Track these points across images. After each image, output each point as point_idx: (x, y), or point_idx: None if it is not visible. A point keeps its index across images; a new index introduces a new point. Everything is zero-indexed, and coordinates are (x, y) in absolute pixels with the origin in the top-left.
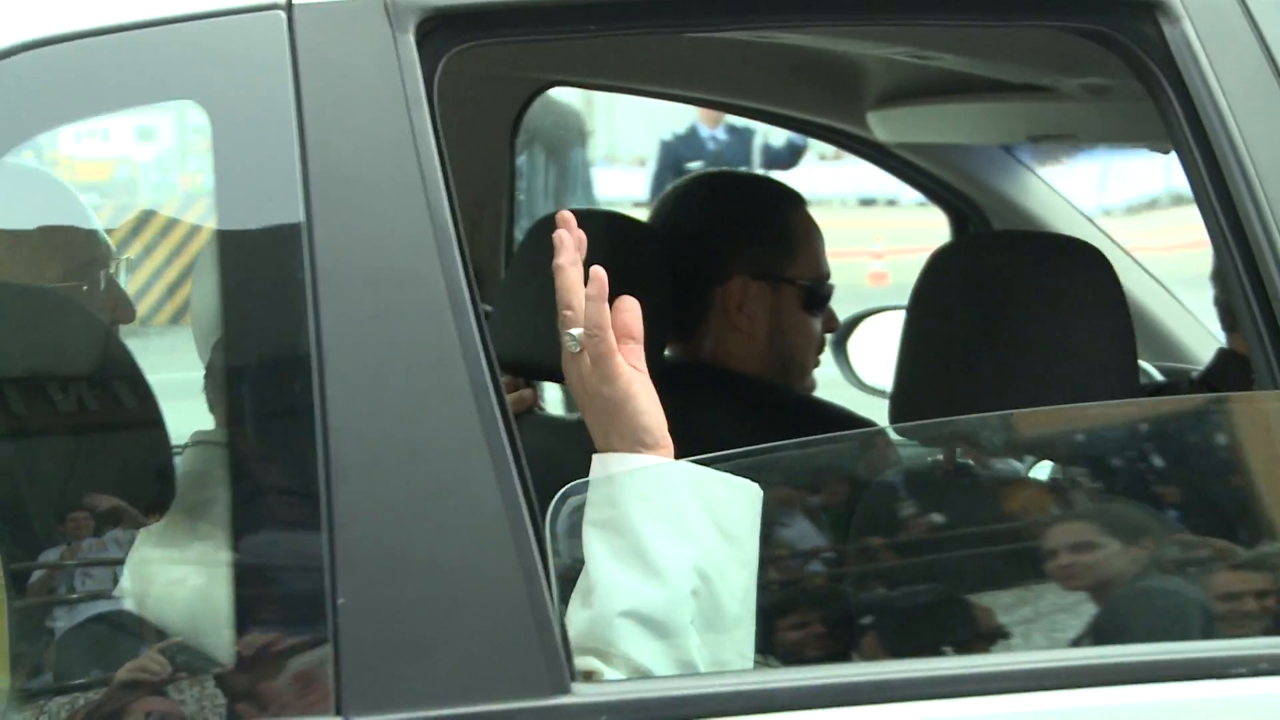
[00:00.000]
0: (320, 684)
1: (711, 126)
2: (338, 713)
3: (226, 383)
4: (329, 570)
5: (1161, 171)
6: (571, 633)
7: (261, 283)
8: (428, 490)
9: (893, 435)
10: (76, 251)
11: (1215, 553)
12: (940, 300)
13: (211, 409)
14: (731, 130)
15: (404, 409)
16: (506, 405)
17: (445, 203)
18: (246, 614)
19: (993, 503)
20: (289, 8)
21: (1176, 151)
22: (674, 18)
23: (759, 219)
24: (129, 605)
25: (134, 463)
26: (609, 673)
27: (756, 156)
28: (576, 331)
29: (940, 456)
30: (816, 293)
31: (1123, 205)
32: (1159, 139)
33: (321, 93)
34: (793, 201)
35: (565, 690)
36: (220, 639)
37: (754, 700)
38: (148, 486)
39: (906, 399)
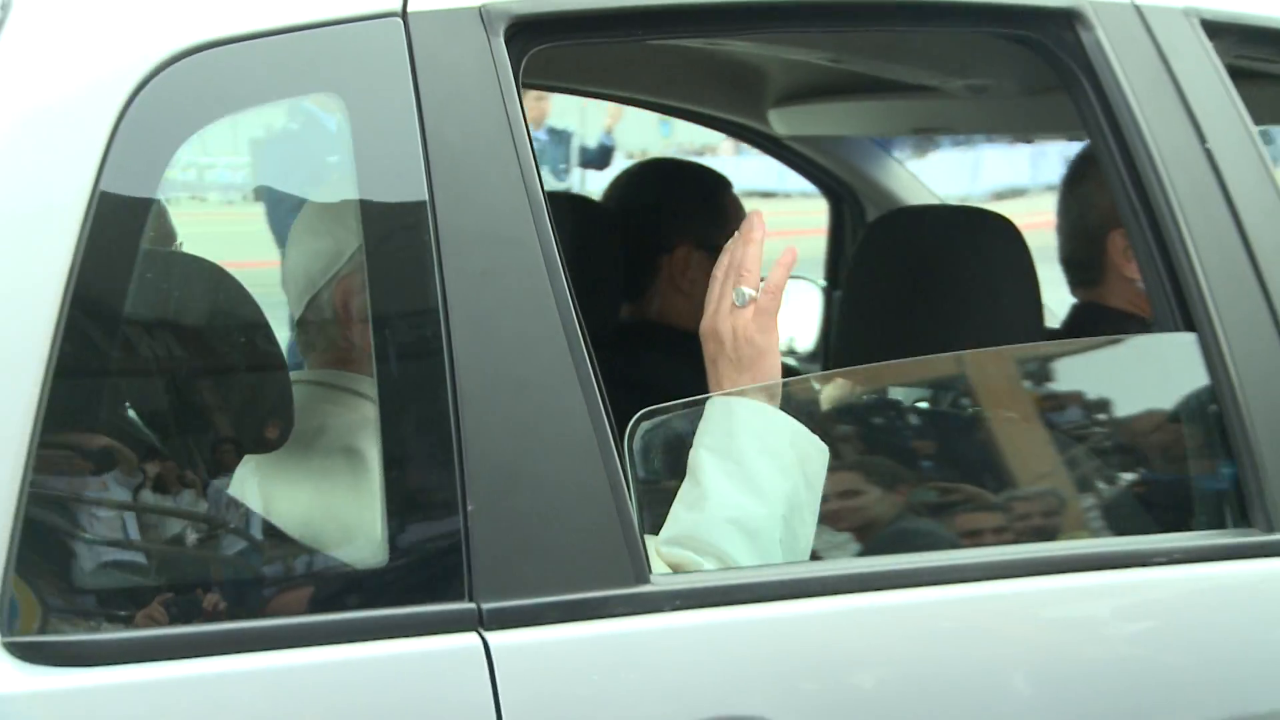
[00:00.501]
0: (456, 576)
1: (535, 128)
2: (470, 599)
3: (372, 330)
4: (459, 483)
5: (1013, 163)
6: (672, 531)
7: (396, 247)
8: (533, 416)
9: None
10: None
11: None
12: (879, 264)
13: (309, 351)
14: (551, 131)
15: (512, 349)
16: (589, 345)
17: (535, 177)
18: (395, 520)
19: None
20: (405, 16)
21: (1089, 135)
22: (710, 25)
23: (700, 197)
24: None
25: (261, 397)
26: (703, 564)
27: (574, 157)
28: (748, 290)
29: (865, 397)
30: None
31: (982, 191)
32: (1027, 131)
33: (435, 86)
34: (725, 183)
35: (645, 581)
36: (375, 541)
37: (787, 588)
38: (270, 419)
39: (849, 347)
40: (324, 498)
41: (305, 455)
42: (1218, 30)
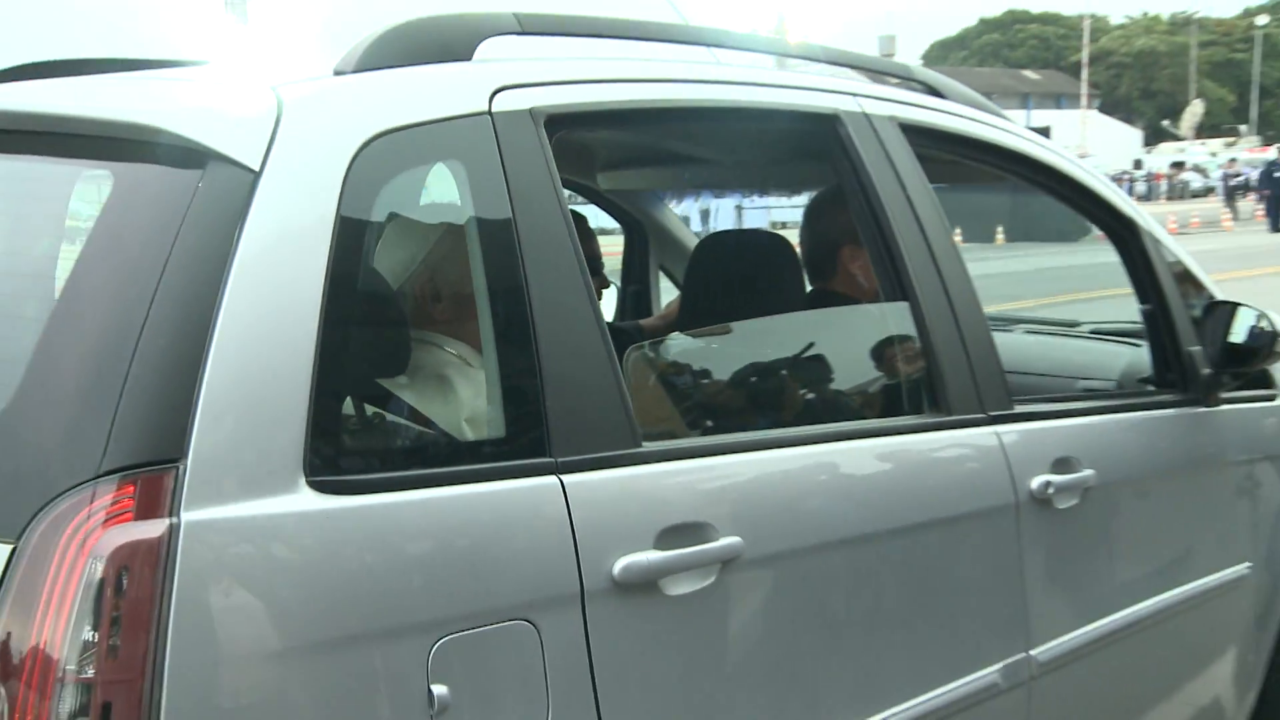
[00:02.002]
0: (542, 444)
1: None
2: (551, 456)
3: (482, 311)
4: (541, 390)
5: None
6: None
7: (496, 252)
8: (576, 343)
9: None
10: None
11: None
12: (709, 271)
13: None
14: None
15: (556, 302)
16: (597, 306)
17: (567, 208)
18: (510, 413)
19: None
20: (491, 115)
21: (844, 186)
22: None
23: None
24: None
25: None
26: None
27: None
28: None
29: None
30: None
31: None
32: (777, 187)
33: (511, 152)
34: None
35: (639, 446)
36: (497, 424)
37: (716, 449)
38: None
39: (693, 316)
40: (446, 405)
41: (416, 379)
42: (908, 129)
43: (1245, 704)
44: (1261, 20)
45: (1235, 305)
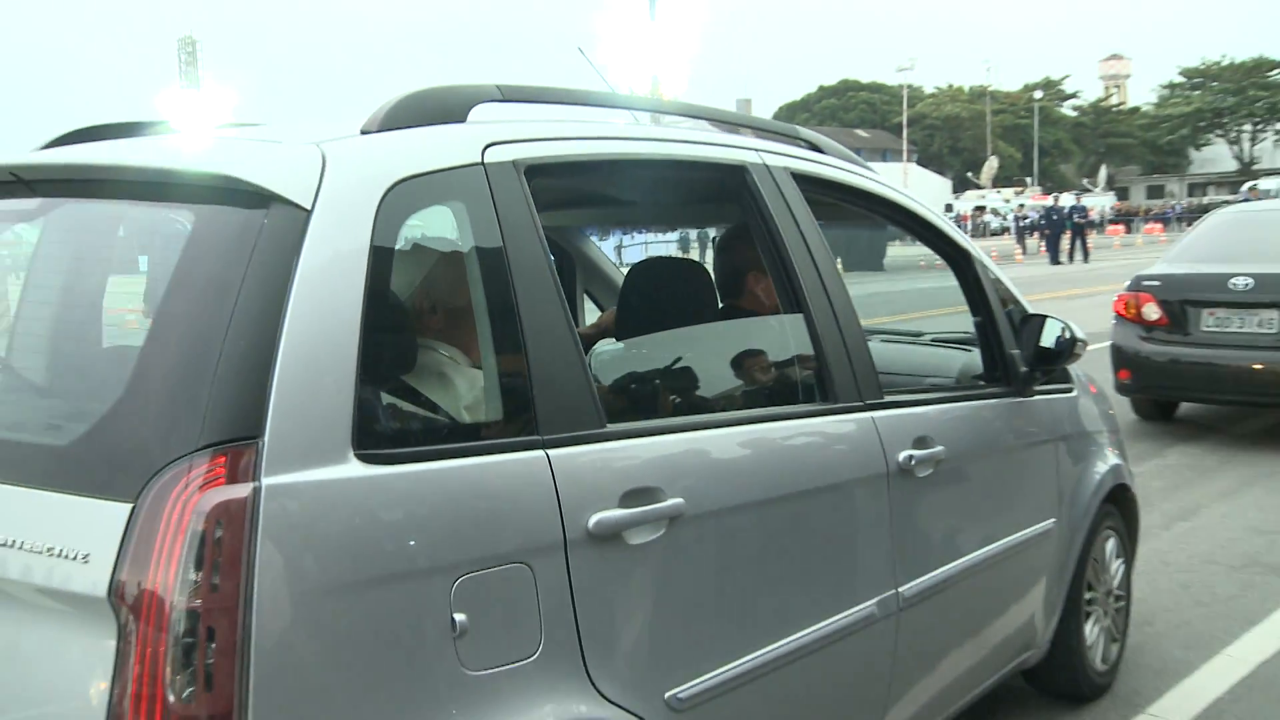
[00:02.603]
0: (533, 425)
1: None
2: (539, 434)
3: (481, 321)
4: (530, 386)
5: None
6: None
7: (491, 275)
8: (554, 346)
9: None
10: None
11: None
12: (642, 289)
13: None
14: None
15: (539, 314)
16: (570, 316)
17: (545, 244)
18: (507, 404)
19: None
20: (484, 165)
21: (750, 225)
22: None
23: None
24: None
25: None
26: None
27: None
28: None
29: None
30: None
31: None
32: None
33: (502, 202)
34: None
35: (604, 426)
36: (496, 410)
37: (665, 429)
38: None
39: (630, 327)
40: (452, 395)
41: (420, 376)
42: (798, 177)
43: (1051, 624)
44: (1038, 94)
45: (1045, 317)
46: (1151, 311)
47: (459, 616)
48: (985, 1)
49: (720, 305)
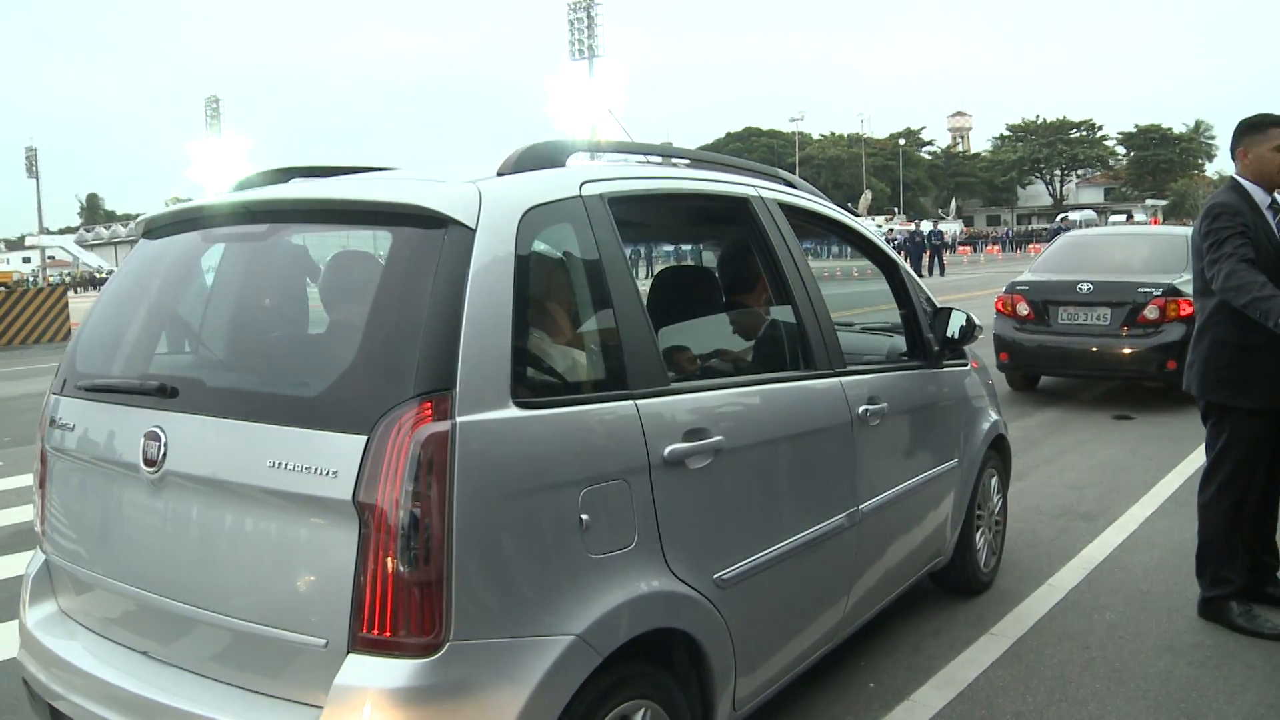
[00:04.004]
0: (624, 384)
1: None
2: (629, 389)
3: (586, 310)
4: (622, 352)
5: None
6: None
7: (595, 280)
8: (636, 328)
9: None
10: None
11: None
12: (668, 285)
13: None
14: None
15: (626, 305)
16: (642, 300)
17: (625, 254)
18: (607, 367)
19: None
20: (582, 198)
21: (751, 240)
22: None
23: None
24: None
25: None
26: None
27: None
28: None
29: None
30: None
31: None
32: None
33: (595, 223)
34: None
35: (668, 383)
36: (600, 377)
37: (705, 386)
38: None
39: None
40: (570, 360)
41: (551, 346)
42: (783, 206)
43: (955, 535)
44: (902, 141)
45: (951, 310)
46: (1023, 309)
47: (584, 516)
48: (859, 65)
49: (725, 300)
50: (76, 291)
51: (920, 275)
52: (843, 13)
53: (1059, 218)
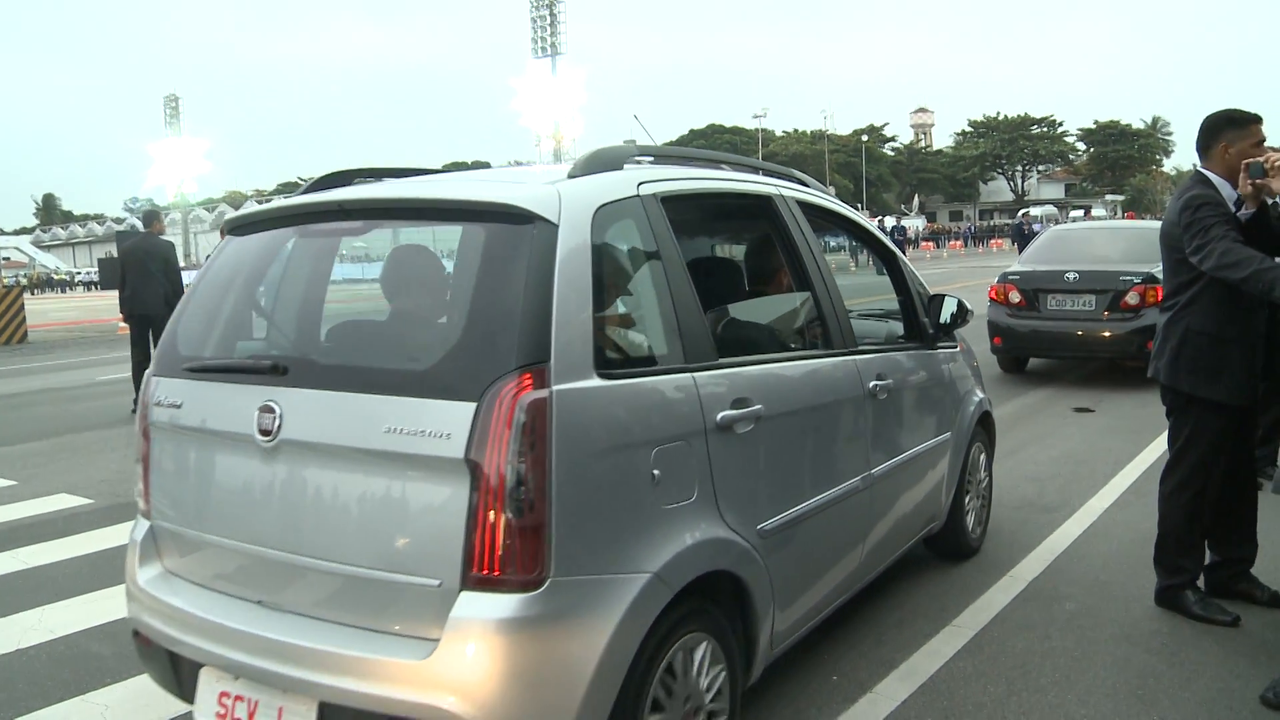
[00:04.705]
0: (680, 358)
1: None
2: (688, 363)
3: (645, 295)
4: (680, 332)
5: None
6: None
7: (651, 268)
8: (690, 312)
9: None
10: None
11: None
12: (696, 273)
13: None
14: None
15: (679, 290)
16: (692, 285)
17: (678, 246)
18: (667, 346)
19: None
20: (639, 197)
21: (773, 234)
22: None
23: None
24: None
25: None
26: None
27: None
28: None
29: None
30: None
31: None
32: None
33: (652, 219)
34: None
35: (716, 358)
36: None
37: (755, 362)
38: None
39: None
40: (639, 337)
41: (624, 325)
42: (799, 203)
43: (947, 501)
44: (865, 138)
45: (944, 296)
46: (1015, 297)
47: (655, 471)
48: (822, 62)
49: (748, 288)
50: (34, 294)
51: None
52: (806, 10)
53: (1020, 213)
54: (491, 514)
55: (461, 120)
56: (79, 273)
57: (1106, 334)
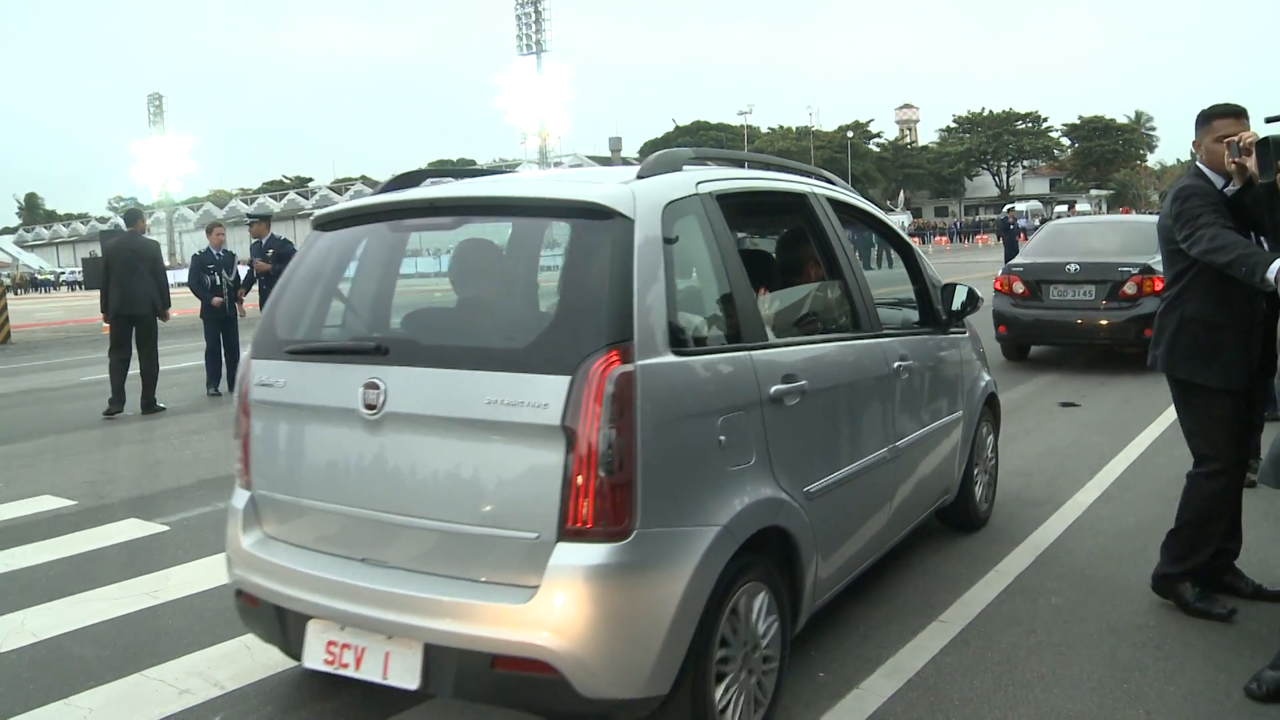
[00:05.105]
0: (739, 340)
1: (217, 245)
2: (749, 343)
3: (708, 281)
4: (738, 317)
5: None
6: None
7: (712, 258)
8: (748, 299)
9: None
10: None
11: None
12: (786, 253)
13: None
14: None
15: (736, 279)
16: (748, 279)
17: (733, 239)
18: (728, 327)
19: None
20: (698, 195)
21: (806, 229)
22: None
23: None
24: None
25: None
26: None
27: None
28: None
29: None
30: None
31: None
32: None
33: (710, 215)
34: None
35: (767, 339)
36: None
37: (802, 343)
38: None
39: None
40: (704, 319)
41: (692, 308)
42: (829, 200)
43: (959, 475)
44: (850, 134)
45: (955, 285)
46: (1019, 287)
47: (721, 437)
48: (808, 59)
49: (786, 276)
50: (18, 294)
51: (869, 267)
52: (792, 6)
53: (1005, 209)
54: (585, 473)
55: (447, 118)
56: (63, 272)
57: (1104, 322)
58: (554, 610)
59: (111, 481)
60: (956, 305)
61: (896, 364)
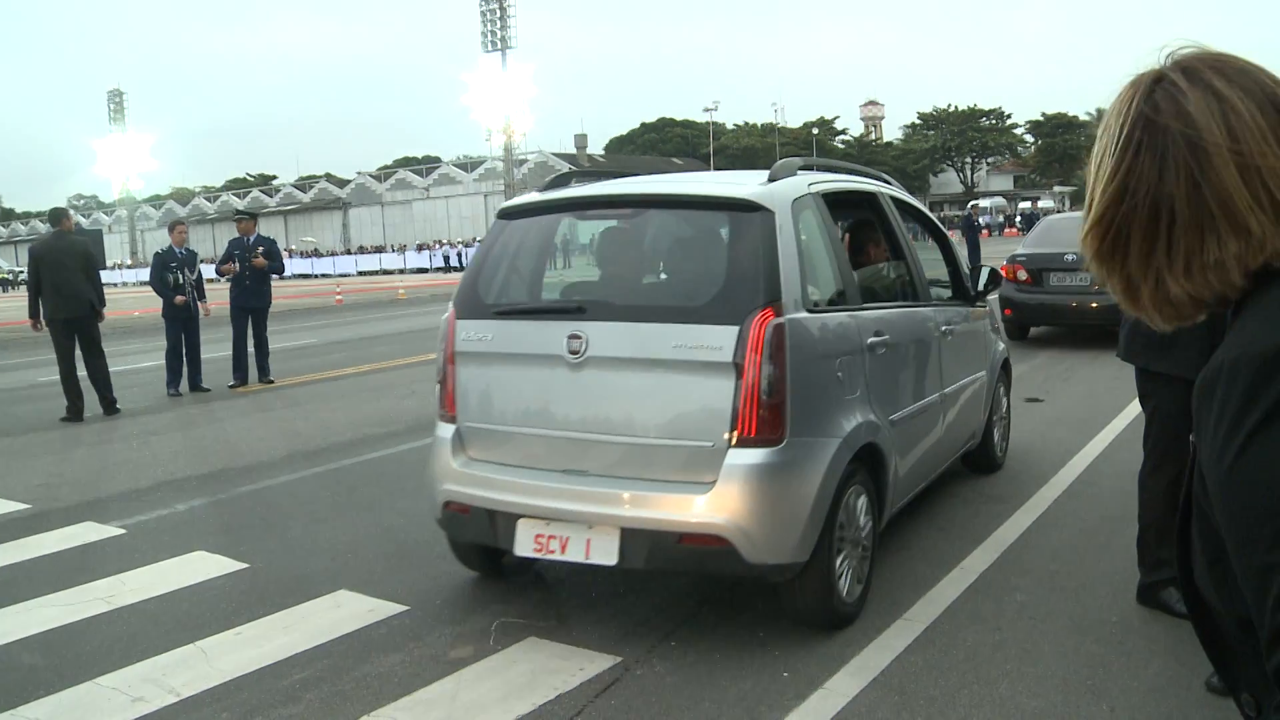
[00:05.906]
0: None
1: (179, 244)
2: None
3: (820, 259)
4: (845, 287)
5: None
6: None
7: (824, 243)
8: (845, 271)
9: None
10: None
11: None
12: (853, 237)
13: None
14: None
15: (839, 258)
16: (846, 257)
17: (835, 228)
18: (833, 296)
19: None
20: (810, 195)
21: (876, 220)
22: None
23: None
24: None
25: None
26: None
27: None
28: None
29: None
30: None
31: None
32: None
33: (820, 210)
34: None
35: (861, 304)
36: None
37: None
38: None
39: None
40: (823, 289)
41: (810, 279)
42: (892, 198)
43: (983, 422)
44: (815, 130)
45: (982, 266)
46: (1022, 275)
47: (839, 374)
48: (773, 55)
49: (861, 257)
50: None
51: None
52: (756, 3)
53: (969, 205)
54: (750, 397)
55: (412, 115)
56: (20, 271)
57: (1094, 305)
58: (728, 498)
59: (66, 484)
60: (982, 284)
61: (944, 327)
